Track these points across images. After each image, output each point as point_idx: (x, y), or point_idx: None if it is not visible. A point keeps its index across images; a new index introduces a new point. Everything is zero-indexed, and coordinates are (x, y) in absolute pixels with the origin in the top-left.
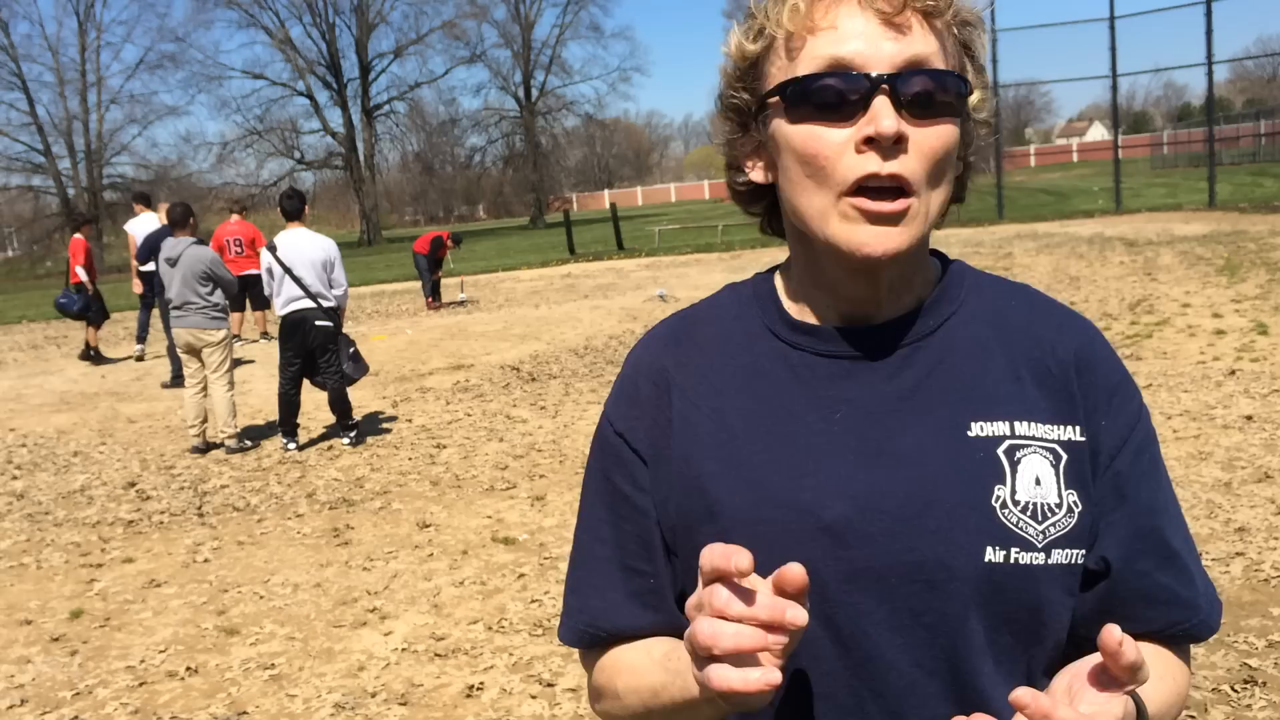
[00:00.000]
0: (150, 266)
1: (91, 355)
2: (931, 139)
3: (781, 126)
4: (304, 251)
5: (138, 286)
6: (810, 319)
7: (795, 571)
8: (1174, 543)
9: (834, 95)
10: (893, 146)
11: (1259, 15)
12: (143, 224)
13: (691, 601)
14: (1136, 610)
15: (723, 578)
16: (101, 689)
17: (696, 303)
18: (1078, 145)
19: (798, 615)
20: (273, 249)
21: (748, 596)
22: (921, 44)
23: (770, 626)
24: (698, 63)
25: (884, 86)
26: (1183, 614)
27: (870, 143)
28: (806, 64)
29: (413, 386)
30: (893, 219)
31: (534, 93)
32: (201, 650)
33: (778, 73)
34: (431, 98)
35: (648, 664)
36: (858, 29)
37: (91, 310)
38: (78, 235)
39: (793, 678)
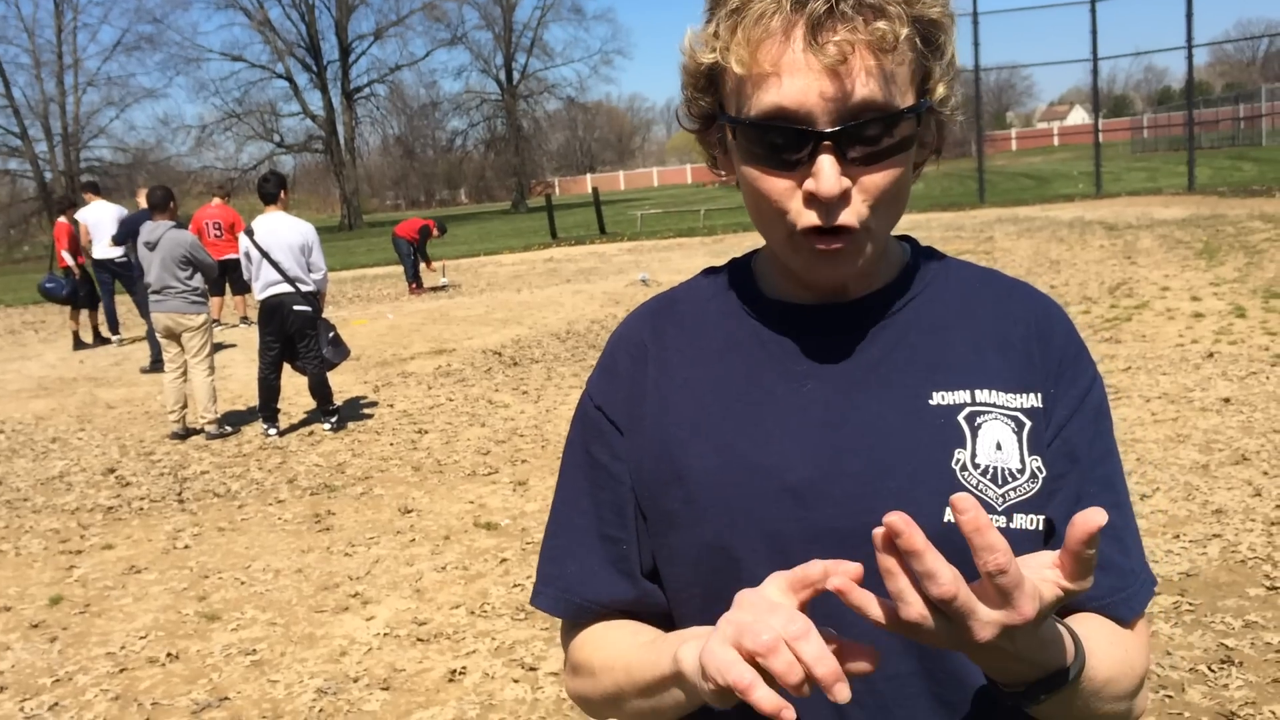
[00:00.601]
0: (115, 251)
1: (95, 338)
2: (880, 180)
3: (735, 152)
4: (281, 235)
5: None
6: (782, 299)
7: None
8: (1112, 513)
9: (778, 149)
10: (837, 201)
11: None
12: (93, 213)
13: (752, 597)
14: None
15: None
16: (82, 675)
17: (676, 286)
18: (1058, 129)
19: (843, 692)
20: (250, 233)
21: (819, 651)
22: (866, 84)
23: (811, 679)
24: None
25: (826, 144)
26: (1119, 581)
27: (814, 197)
28: (752, 105)
29: (394, 371)
30: (839, 255)
31: (515, 76)
32: (182, 636)
33: (729, 96)
34: (412, 80)
35: (631, 644)
36: (800, 74)
37: (80, 295)
38: (62, 219)
39: None
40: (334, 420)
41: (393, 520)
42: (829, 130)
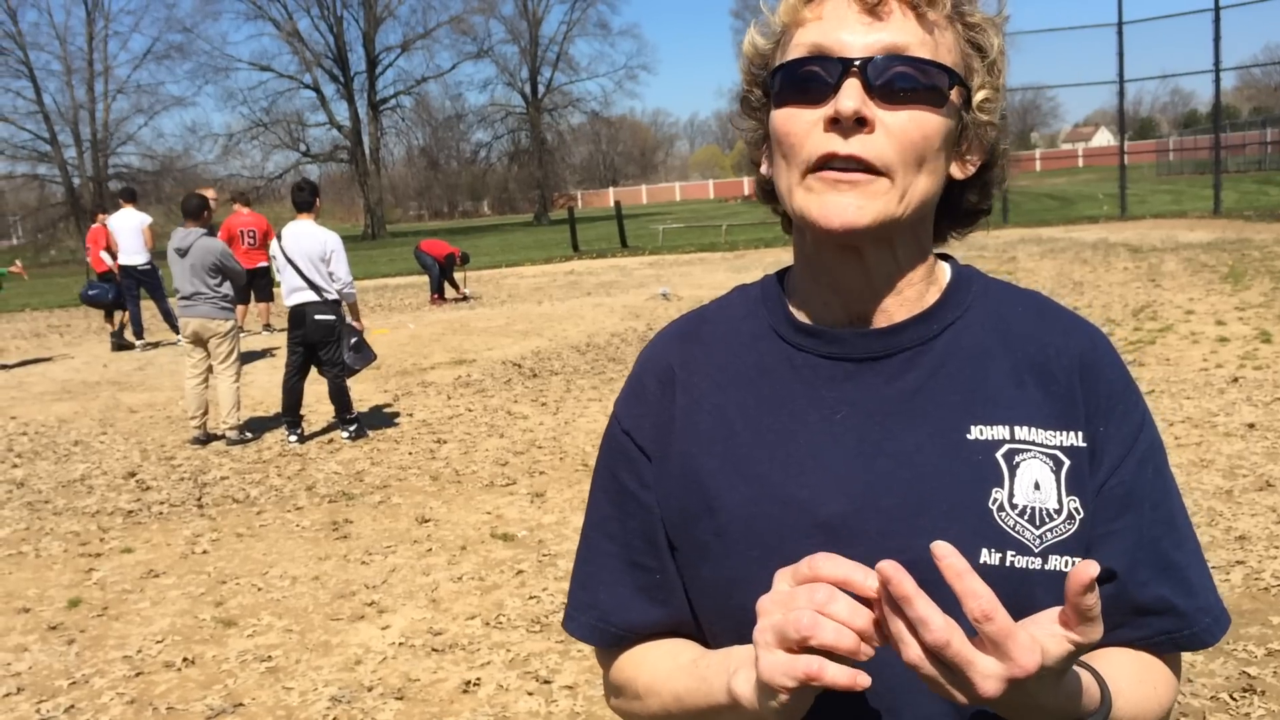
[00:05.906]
0: (140, 258)
1: (124, 341)
2: (904, 123)
3: (772, 113)
4: (302, 243)
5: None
6: (814, 321)
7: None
8: (1175, 554)
9: (809, 78)
10: (854, 127)
11: (1267, 23)
12: (120, 220)
13: (770, 599)
14: (1131, 620)
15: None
16: (98, 678)
17: (707, 303)
18: (1083, 150)
19: (867, 650)
20: (279, 239)
21: (852, 606)
22: (902, 33)
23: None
24: (704, 62)
25: (854, 69)
26: (1176, 624)
27: (835, 123)
28: (794, 52)
29: (414, 381)
30: (852, 191)
31: (540, 89)
32: (199, 641)
33: (777, 64)
34: (438, 93)
35: (671, 668)
36: (840, 17)
37: (122, 297)
38: (96, 224)
39: None
40: (352, 429)
41: (410, 530)
42: (857, 58)
